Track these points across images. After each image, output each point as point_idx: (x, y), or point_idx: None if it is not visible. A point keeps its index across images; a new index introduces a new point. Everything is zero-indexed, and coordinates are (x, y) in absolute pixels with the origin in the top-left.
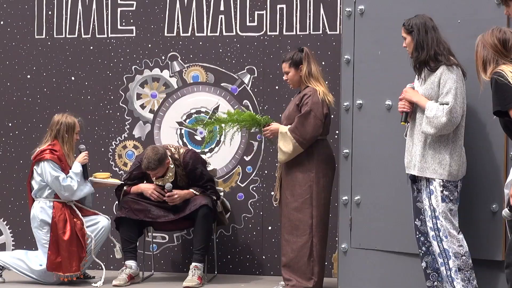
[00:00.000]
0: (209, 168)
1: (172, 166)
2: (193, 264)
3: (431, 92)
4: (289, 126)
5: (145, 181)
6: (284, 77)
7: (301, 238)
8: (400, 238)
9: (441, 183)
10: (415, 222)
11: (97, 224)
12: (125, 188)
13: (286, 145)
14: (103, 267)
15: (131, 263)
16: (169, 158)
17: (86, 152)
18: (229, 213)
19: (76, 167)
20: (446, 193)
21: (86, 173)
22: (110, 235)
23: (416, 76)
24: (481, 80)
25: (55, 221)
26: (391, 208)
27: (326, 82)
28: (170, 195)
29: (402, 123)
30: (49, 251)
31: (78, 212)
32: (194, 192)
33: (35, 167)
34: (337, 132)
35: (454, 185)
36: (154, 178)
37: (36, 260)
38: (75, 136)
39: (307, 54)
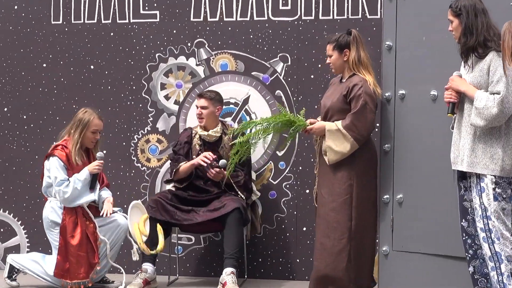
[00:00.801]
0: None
1: (220, 125)
2: (229, 269)
3: (480, 80)
4: (337, 122)
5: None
6: (327, 60)
7: (338, 241)
8: (446, 240)
9: (493, 180)
10: (462, 223)
11: (113, 223)
12: (181, 165)
13: (339, 144)
14: (123, 271)
15: (147, 266)
16: (220, 107)
17: (102, 161)
18: (260, 225)
19: (83, 174)
20: (498, 190)
21: (94, 183)
22: (128, 234)
23: (463, 63)
24: (507, 69)
25: (64, 224)
26: (436, 207)
27: None
28: (219, 172)
29: (448, 114)
30: (58, 255)
31: (91, 214)
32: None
33: (45, 161)
34: (377, 125)
35: (507, 182)
36: (197, 113)
37: (52, 263)
38: (90, 135)
39: (355, 38)
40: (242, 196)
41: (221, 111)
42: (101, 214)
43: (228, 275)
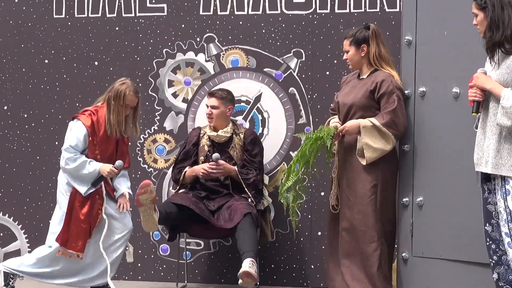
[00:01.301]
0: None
1: (230, 125)
2: (248, 259)
3: (507, 77)
4: (370, 119)
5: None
6: (344, 56)
7: (368, 246)
8: (469, 245)
9: None
10: (486, 228)
11: (120, 222)
12: (186, 169)
13: (377, 141)
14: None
15: None
16: (231, 107)
17: (116, 170)
18: (271, 232)
19: (94, 167)
20: None
21: (97, 183)
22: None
23: (488, 59)
24: None
25: (75, 190)
26: (458, 211)
27: None
28: (215, 165)
29: (473, 114)
30: (64, 221)
31: (104, 189)
32: (237, 171)
33: (70, 122)
34: None
35: None
36: (209, 109)
37: (42, 249)
38: (124, 109)
39: (374, 33)
40: (250, 195)
41: (233, 110)
42: (116, 208)
43: (247, 263)
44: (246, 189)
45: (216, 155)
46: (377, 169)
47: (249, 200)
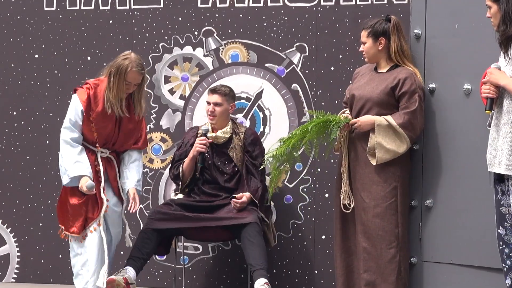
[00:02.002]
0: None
1: (230, 124)
2: (262, 280)
3: None
4: (386, 117)
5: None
6: (361, 48)
7: (387, 251)
8: (480, 249)
9: None
10: (498, 231)
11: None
12: (183, 165)
13: (390, 142)
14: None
15: (128, 268)
16: (233, 104)
17: (85, 190)
18: (274, 237)
19: (76, 171)
20: None
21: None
22: (123, 215)
23: (502, 54)
24: None
25: None
26: (470, 213)
27: None
28: (205, 139)
29: (486, 111)
30: (59, 200)
31: (102, 173)
32: (251, 197)
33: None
34: None
35: None
36: (210, 111)
37: None
38: (124, 87)
39: (395, 26)
40: (260, 213)
41: (234, 108)
42: (128, 209)
43: (262, 286)
44: (257, 203)
45: (205, 127)
46: (396, 170)
47: (259, 215)
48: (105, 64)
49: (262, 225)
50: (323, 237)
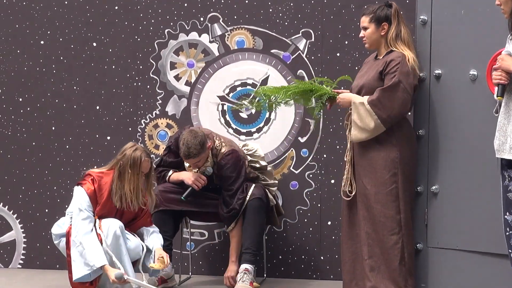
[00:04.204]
0: (255, 153)
1: (210, 157)
2: (243, 266)
3: None
4: (366, 96)
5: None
6: (361, 34)
7: (388, 238)
8: (487, 235)
9: None
10: (505, 217)
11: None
12: (170, 174)
13: (363, 120)
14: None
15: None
16: (209, 141)
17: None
18: (281, 216)
19: (95, 259)
20: None
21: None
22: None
23: (509, 40)
24: None
25: (68, 231)
26: (476, 199)
27: None
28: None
29: (498, 98)
30: (68, 268)
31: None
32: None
33: (75, 187)
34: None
35: None
36: (195, 168)
37: None
38: (139, 177)
39: (396, 12)
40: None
41: (212, 145)
42: (164, 266)
43: (240, 273)
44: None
45: (209, 169)
46: (396, 156)
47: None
48: (110, 50)
49: (267, 201)
50: (329, 223)
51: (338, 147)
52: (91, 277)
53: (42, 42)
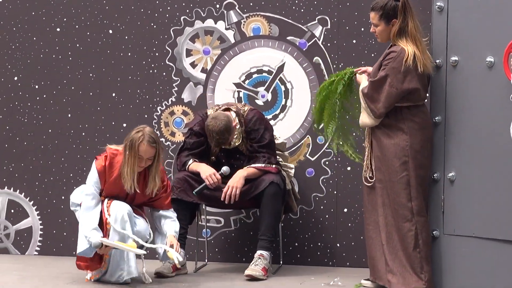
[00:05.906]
0: (277, 141)
1: (238, 126)
2: (258, 252)
3: None
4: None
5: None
6: (371, 29)
7: (402, 225)
8: (503, 223)
9: None
10: None
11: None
12: (190, 163)
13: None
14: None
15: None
16: (233, 117)
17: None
18: (298, 200)
19: (92, 234)
20: None
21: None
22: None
23: None
24: None
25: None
26: (493, 186)
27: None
28: (228, 193)
29: None
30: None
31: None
32: (255, 167)
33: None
34: (427, 95)
35: None
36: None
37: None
38: (137, 161)
39: (404, 6)
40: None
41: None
42: (175, 250)
43: (254, 259)
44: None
45: (225, 168)
46: (406, 144)
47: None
48: (126, 37)
49: (284, 187)
50: (345, 210)
51: (354, 134)
52: (92, 252)
53: (58, 30)
